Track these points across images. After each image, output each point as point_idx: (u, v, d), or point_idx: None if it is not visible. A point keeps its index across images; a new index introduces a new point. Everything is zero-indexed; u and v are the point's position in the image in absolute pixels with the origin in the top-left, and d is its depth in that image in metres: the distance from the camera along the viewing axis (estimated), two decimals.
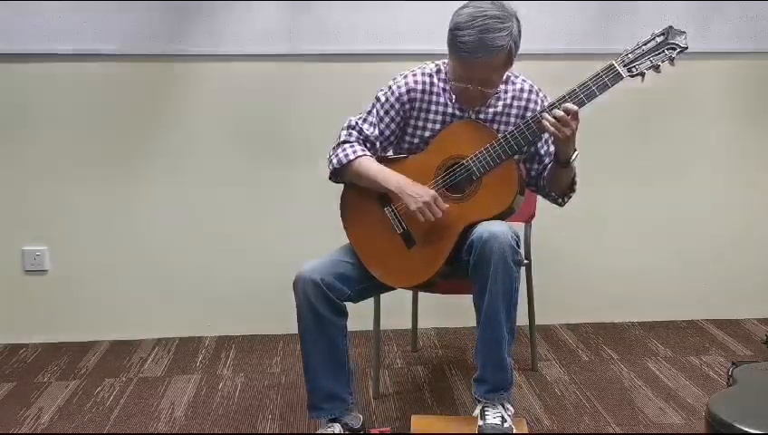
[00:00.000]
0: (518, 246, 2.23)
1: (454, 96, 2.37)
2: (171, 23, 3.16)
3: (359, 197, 2.42)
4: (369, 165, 2.35)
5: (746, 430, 1.91)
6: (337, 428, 2.35)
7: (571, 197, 2.44)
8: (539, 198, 2.70)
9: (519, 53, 2.28)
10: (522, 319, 2.85)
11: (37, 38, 3.12)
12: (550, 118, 2.19)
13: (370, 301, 2.66)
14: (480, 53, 2.18)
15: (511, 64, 2.30)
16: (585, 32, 3.25)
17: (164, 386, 2.91)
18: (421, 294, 3.05)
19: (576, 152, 2.28)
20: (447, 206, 2.28)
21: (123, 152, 3.26)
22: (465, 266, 2.26)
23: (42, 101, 3.20)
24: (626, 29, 3.23)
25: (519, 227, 2.84)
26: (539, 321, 2.99)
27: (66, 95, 3.20)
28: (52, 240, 3.30)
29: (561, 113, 2.18)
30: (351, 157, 2.35)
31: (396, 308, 3.00)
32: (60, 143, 3.23)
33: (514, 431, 2.29)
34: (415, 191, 2.28)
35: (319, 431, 2.37)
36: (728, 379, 2.38)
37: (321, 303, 2.28)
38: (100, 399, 2.82)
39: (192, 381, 2.96)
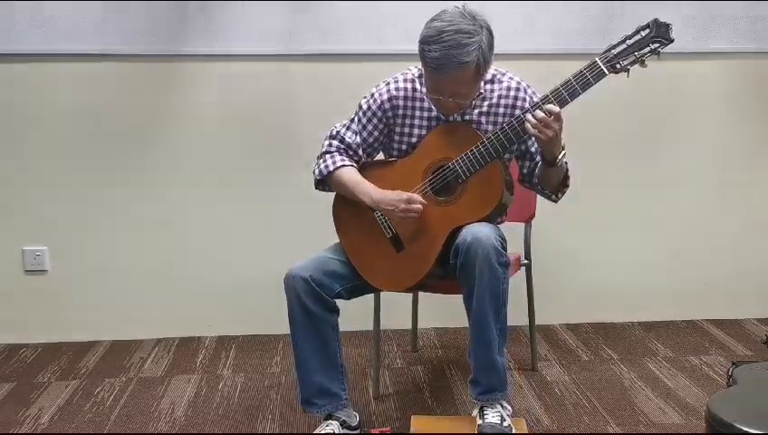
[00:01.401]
0: (504, 248, 2.23)
1: None
2: (171, 23, 3.16)
3: (350, 202, 2.42)
4: (348, 177, 2.38)
5: (746, 430, 1.91)
6: (335, 425, 2.36)
7: (564, 192, 2.44)
8: (538, 197, 2.70)
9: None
10: (522, 319, 2.87)
11: (37, 38, 3.12)
12: (531, 119, 2.18)
13: (370, 301, 2.67)
14: (447, 68, 2.17)
15: (482, 77, 2.29)
16: (585, 32, 3.24)
17: (164, 386, 2.91)
18: (421, 294, 3.05)
19: (563, 151, 2.28)
20: (420, 199, 2.28)
21: (123, 152, 3.26)
22: (454, 269, 2.27)
23: (42, 101, 3.20)
24: (626, 29, 3.21)
25: (519, 227, 2.85)
26: (539, 321, 2.99)
27: (66, 95, 3.20)
28: (52, 240, 3.30)
29: (542, 115, 2.17)
30: (331, 168, 2.38)
31: (396, 308, 3.00)
32: (60, 143, 3.23)
33: (513, 431, 2.29)
34: (389, 201, 2.30)
35: (317, 431, 2.37)
36: (728, 379, 2.38)
37: (310, 299, 2.29)
38: (100, 399, 2.82)
39: (192, 381, 2.96)
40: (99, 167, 3.26)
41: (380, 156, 2.53)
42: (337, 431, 2.35)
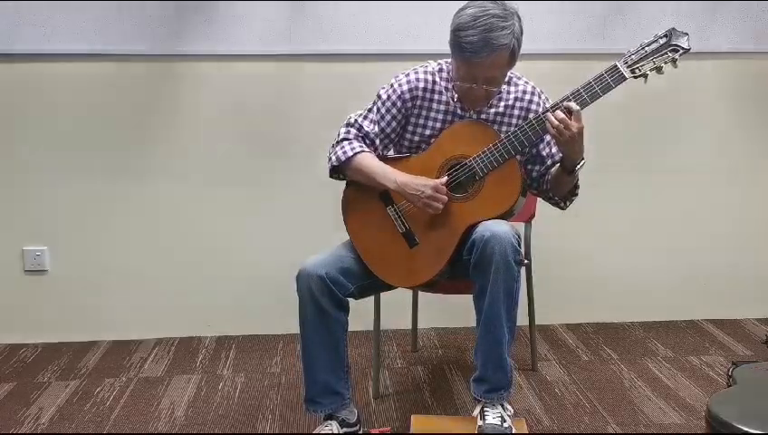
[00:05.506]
0: (519, 246, 2.23)
1: (456, 96, 2.37)
2: (171, 23, 3.16)
3: (360, 197, 2.42)
4: (370, 162, 2.35)
5: (746, 430, 1.91)
6: (334, 425, 2.35)
7: (572, 201, 2.45)
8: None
9: (522, 52, 2.28)
10: (522, 319, 2.85)
11: (37, 38, 3.12)
12: (552, 119, 2.20)
13: (370, 301, 2.67)
14: (484, 52, 2.18)
15: (514, 62, 2.30)
16: (585, 32, 3.25)
17: (164, 386, 2.91)
18: (421, 294, 3.05)
19: (583, 160, 2.28)
20: (445, 189, 2.27)
21: (123, 152, 3.26)
22: (465, 266, 2.26)
23: (42, 102, 3.20)
24: (627, 29, 3.24)
25: (519, 226, 2.84)
26: (539, 321, 2.99)
27: (66, 95, 3.20)
28: (52, 240, 3.30)
29: (562, 115, 2.19)
30: (350, 153, 2.36)
31: (396, 308, 3.00)
32: (60, 143, 3.23)
33: (514, 431, 2.29)
34: (416, 187, 2.29)
35: (316, 431, 2.37)
36: (728, 379, 2.38)
37: (324, 297, 2.28)
38: (100, 399, 2.82)
39: (192, 381, 2.96)
40: (99, 167, 3.26)
41: (390, 152, 2.52)
42: (336, 431, 2.35)
